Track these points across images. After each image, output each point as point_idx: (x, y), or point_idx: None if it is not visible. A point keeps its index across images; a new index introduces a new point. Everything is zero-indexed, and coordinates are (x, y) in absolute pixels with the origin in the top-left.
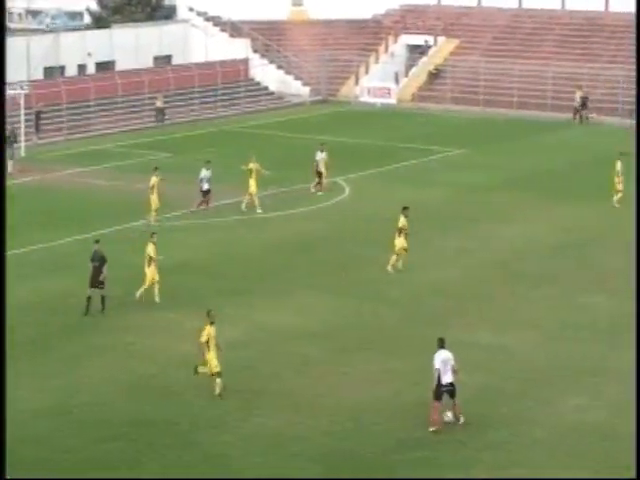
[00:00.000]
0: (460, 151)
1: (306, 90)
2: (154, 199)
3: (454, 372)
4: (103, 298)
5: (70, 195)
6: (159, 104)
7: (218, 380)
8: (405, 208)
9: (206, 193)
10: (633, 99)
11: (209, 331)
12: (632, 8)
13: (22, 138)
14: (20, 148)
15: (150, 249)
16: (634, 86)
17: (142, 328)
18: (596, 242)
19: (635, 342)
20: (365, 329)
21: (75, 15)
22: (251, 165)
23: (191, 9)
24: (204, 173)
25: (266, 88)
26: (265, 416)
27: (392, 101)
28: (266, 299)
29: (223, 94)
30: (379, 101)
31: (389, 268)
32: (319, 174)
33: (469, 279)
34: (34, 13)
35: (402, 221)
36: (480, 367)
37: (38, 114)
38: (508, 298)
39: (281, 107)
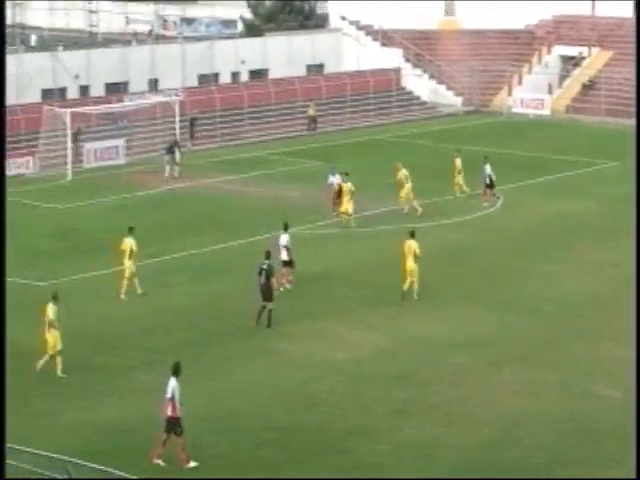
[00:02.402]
0: (614, 163)
1: (458, 100)
2: (344, 205)
3: None
4: (270, 311)
5: (221, 202)
6: (311, 112)
7: None
8: None
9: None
10: None
11: None
12: None
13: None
14: (176, 154)
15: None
16: None
17: (294, 335)
18: None
19: (635, 341)
20: (515, 341)
21: (229, 23)
22: (400, 174)
23: (343, 18)
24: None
25: (418, 98)
26: (417, 426)
27: (545, 112)
28: (414, 309)
29: (375, 103)
30: (532, 112)
31: None
32: (490, 185)
33: (619, 292)
34: (189, 21)
35: None
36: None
37: (192, 121)
38: None
39: (433, 117)
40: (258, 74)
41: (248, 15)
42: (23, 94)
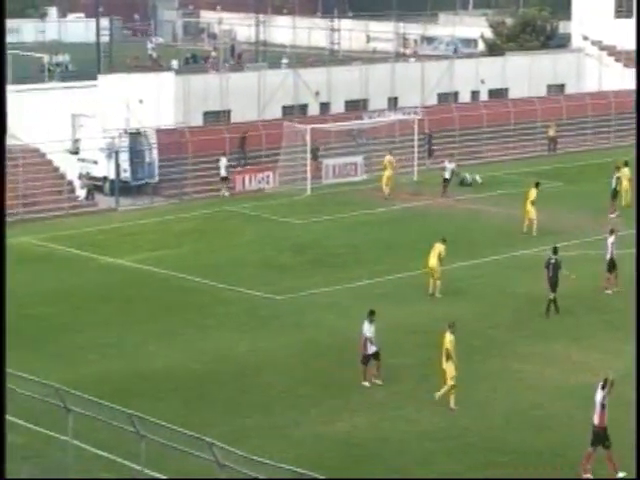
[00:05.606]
0: None
1: None
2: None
3: None
4: (554, 301)
5: (458, 221)
6: (551, 133)
7: None
8: None
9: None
10: None
11: None
12: None
13: (415, 162)
14: (413, 172)
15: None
16: None
17: (529, 356)
18: None
19: (635, 341)
20: None
21: (469, 42)
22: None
23: (585, 38)
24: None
25: None
26: None
27: None
28: None
29: (616, 125)
30: None
31: None
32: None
33: None
34: (429, 39)
35: None
36: None
37: (430, 139)
38: None
39: None
40: (498, 93)
41: (489, 34)
42: (265, 110)
